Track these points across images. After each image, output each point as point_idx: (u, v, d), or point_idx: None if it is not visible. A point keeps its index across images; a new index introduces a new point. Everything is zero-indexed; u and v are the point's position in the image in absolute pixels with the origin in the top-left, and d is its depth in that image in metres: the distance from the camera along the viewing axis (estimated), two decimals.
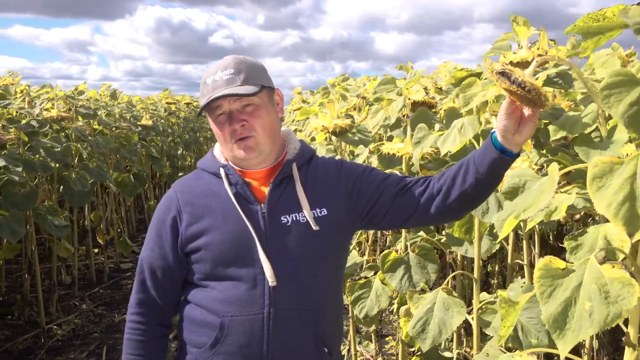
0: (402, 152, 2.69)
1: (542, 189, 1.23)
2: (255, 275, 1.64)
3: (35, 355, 4.46)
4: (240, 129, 1.65)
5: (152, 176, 9.52)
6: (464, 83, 2.10)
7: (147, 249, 1.77)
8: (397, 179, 1.75)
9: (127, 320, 1.78)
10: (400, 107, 2.72)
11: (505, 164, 1.55)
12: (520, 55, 1.71)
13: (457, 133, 2.18)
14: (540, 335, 2.09)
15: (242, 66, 1.67)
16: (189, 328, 1.73)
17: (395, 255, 2.82)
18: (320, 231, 1.67)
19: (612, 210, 1.00)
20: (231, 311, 1.64)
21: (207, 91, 1.66)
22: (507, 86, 1.34)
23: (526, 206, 1.21)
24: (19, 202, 4.17)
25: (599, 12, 1.13)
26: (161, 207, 1.78)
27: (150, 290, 1.76)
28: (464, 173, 1.61)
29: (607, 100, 1.10)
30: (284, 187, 1.72)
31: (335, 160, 1.84)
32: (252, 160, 1.71)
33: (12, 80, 5.35)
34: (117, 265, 6.91)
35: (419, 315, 2.30)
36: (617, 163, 1.05)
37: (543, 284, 1.14)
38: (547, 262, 1.15)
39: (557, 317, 1.09)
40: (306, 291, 1.68)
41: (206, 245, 1.67)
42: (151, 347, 1.76)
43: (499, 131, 1.50)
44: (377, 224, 1.79)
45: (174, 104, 10.68)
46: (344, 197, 1.74)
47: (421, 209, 1.69)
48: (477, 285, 2.43)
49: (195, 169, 1.86)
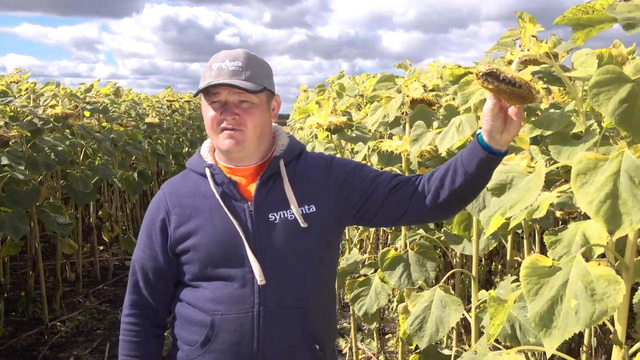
0: (401, 149, 2.68)
1: (528, 186, 1.22)
2: (244, 274, 1.64)
3: (39, 351, 4.48)
4: (231, 121, 1.64)
5: (158, 173, 9.54)
6: (462, 81, 2.09)
7: (138, 250, 1.78)
8: (389, 176, 1.74)
9: (122, 322, 1.79)
10: (399, 104, 2.71)
11: (493, 163, 1.54)
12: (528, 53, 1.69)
13: (455, 131, 2.17)
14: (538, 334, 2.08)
15: (251, 63, 1.67)
16: (181, 325, 1.74)
17: (394, 253, 2.82)
18: (308, 228, 1.67)
19: (593, 208, 0.99)
20: (221, 310, 1.64)
21: (209, 75, 1.66)
22: (495, 86, 1.33)
23: (512, 203, 1.21)
24: (22, 200, 4.18)
25: (588, 5, 1.12)
26: (151, 209, 1.78)
27: (142, 291, 1.77)
28: (452, 174, 1.61)
29: (597, 99, 1.09)
30: (271, 184, 1.71)
31: (325, 156, 1.83)
32: (235, 154, 1.70)
33: (18, 78, 5.37)
34: (122, 262, 6.93)
35: (417, 313, 2.29)
36: (602, 160, 1.05)
37: (529, 282, 1.13)
38: (534, 261, 1.15)
39: (543, 315, 1.08)
40: (295, 289, 1.67)
41: (195, 246, 1.67)
42: (146, 347, 1.77)
43: (485, 132, 1.49)
44: (368, 221, 1.78)
45: (176, 101, 10.70)
46: (333, 193, 1.73)
47: (412, 207, 1.69)
48: (475, 283, 2.42)
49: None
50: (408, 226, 2.99)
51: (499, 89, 1.34)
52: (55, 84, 5.88)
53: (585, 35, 1.20)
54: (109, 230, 6.46)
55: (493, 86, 1.33)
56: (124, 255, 7.05)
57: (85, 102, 5.57)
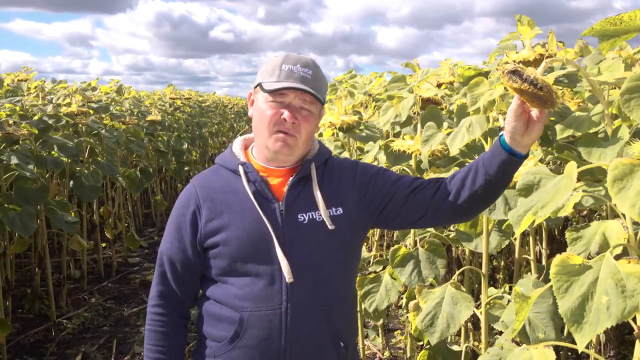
0: (413, 149, 2.73)
1: (558, 187, 1.27)
2: (273, 271, 1.68)
3: (46, 348, 4.52)
4: (290, 126, 1.69)
5: (159, 171, 9.56)
6: (472, 82, 2.14)
7: (166, 242, 1.81)
8: (409, 180, 1.79)
9: (148, 312, 1.83)
10: (411, 104, 2.76)
11: (514, 165, 1.58)
12: (522, 55, 1.75)
13: (466, 131, 2.23)
14: (547, 330, 2.13)
15: (318, 73, 1.73)
16: (209, 322, 1.78)
17: (405, 251, 2.87)
18: (335, 230, 1.71)
19: (636, 211, 1.04)
20: (250, 306, 1.68)
21: (280, 74, 1.69)
22: (518, 85, 1.36)
23: (544, 203, 1.25)
24: (30, 198, 4.20)
25: (617, 17, 1.17)
26: (180, 202, 1.82)
27: (170, 282, 1.80)
28: (473, 175, 1.65)
29: (628, 105, 1.14)
30: (301, 187, 1.76)
31: (351, 161, 1.88)
32: (282, 157, 1.74)
33: (26, 76, 5.40)
34: (125, 259, 6.96)
35: (428, 310, 2.35)
36: (637, 165, 1.10)
37: (559, 279, 1.18)
38: (564, 259, 1.20)
39: (574, 311, 1.13)
40: (322, 287, 1.72)
41: (225, 241, 1.71)
42: (172, 337, 1.81)
43: (507, 133, 1.53)
44: (389, 223, 1.83)
45: (179, 99, 10.72)
46: (358, 197, 1.78)
47: (432, 209, 1.73)
48: (485, 280, 2.48)
49: (199, 164, 1.90)
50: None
51: (521, 88, 1.37)
52: (51, 81, 5.91)
53: (610, 45, 1.25)
54: (112, 228, 6.49)
55: (517, 85, 1.36)
56: (127, 252, 7.08)
57: (92, 101, 5.61)
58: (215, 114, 15.51)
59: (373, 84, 4.14)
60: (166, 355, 1.79)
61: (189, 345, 3.12)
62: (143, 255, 7.22)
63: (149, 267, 6.76)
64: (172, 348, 1.81)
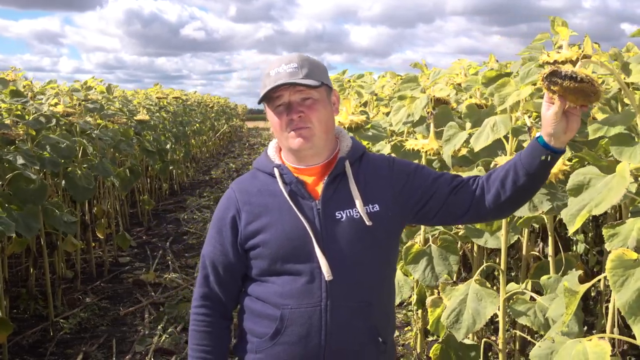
0: (427, 147, 2.78)
1: (610, 186, 1.33)
2: (313, 269, 1.72)
3: (46, 348, 4.49)
4: (297, 120, 1.72)
5: (145, 170, 9.50)
6: (498, 83, 2.19)
7: (208, 245, 1.86)
8: (450, 177, 1.83)
9: (192, 313, 1.86)
10: (424, 104, 2.81)
11: (554, 161, 1.63)
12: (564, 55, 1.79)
13: (490, 131, 2.28)
14: (570, 323, 2.20)
15: (305, 62, 1.75)
16: (250, 319, 1.81)
17: (418, 248, 2.92)
18: (373, 226, 1.75)
19: None
20: (290, 304, 1.72)
21: (269, 82, 1.73)
22: (560, 85, 1.37)
23: (597, 202, 1.31)
24: (29, 198, 4.17)
25: None
26: (221, 206, 1.86)
27: (212, 284, 1.84)
28: (513, 175, 1.69)
29: None
30: (337, 184, 1.79)
31: (386, 157, 1.91)
32: (306, 152, 1.77)
33: (14, 76, 5.33)
34: (116, 259, 6.92)
35: (453, 306, 2.40)
36: None
37: (615, 274, 1.24)
38: (620, 254, 1.25)
39: (632, 304, 1.19)
40: (360, 283, 1.76)
41: (264, 242, 1.75)
42: (216, 337, 1.85)
43: (548, 135, 1.58)
44: (429, 220, 1.87)
45: (165, 98, 10.66)
46: (395, 193, 1.81)
47: (474, 208, 1.78)
48: (503, 276, 2.54)
49: (185, 162, 1.93)
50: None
51: (564, 87, 1.37)
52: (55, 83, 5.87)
53: None
54: (105, 227, 6.45)
55: (559, 86, 1.37)
56: (117, 252, 7.04)
57: (87, 100, 5.56)
58: (197, 112, 15.43)
59: (377, 84, 4.20)
60: (210, 354, 1.83)
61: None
62: (133, 255, 7.19)
63: (140, 266, 6.73)
64: (216, 348, 1.84)
